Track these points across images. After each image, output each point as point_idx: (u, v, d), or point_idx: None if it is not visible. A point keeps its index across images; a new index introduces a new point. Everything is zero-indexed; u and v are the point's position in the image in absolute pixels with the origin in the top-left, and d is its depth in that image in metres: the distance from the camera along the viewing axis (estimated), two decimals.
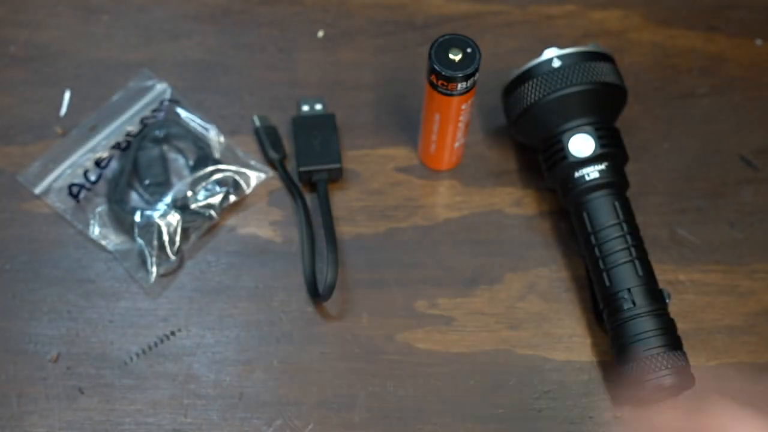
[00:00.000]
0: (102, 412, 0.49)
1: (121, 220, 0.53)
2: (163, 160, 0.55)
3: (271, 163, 0.55)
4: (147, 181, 0.54)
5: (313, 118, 0.56)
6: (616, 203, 0.50)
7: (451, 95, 0.49)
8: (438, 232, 0.54)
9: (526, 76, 0.52)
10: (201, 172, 0.54)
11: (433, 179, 0.56)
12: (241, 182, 0.54)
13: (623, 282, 0.48)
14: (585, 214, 0.50)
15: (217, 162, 0.54)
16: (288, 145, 0.56)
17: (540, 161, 0.53)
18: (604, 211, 0.50)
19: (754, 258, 0.54)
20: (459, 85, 0.48)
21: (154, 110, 0.56)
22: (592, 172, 0.50)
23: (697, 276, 0.53)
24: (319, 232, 0.53)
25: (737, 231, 0.54)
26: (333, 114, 0.56)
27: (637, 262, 0.49)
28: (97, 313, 0.51)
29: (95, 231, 0.53)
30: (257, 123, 0.56)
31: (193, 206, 0.53)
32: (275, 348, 0.51)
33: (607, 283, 0.49)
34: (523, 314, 0.52)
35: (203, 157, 0.55)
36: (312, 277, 0.51)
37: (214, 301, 0.52)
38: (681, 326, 0.49)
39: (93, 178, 0.54)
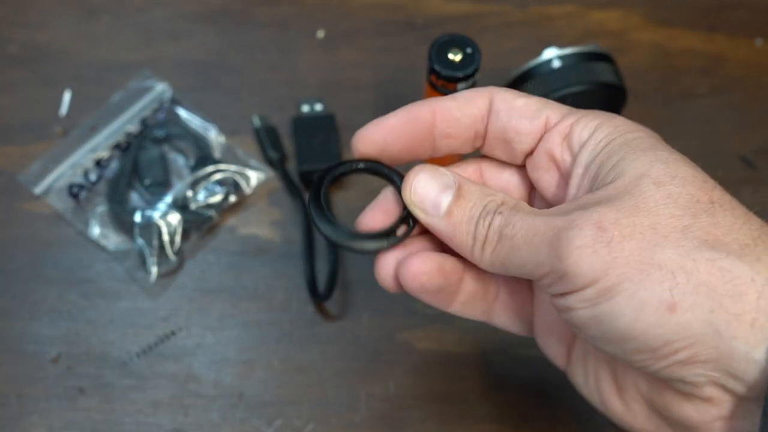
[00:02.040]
0: (102, 412, 0.49)
1: (121, 220, 0.53)
2: (164, 160, 0.55)
3: (271, 163, 0.55)
4: (147, 181, 0.54)
5: (313, 118, 0.56)
6: None
7: None
8: None
9: (526, 76, 0.52)
10: (201, 172, 0.54)
11: None
12: (241, 182, 0.54)
13: None
14: None
15: (217, 162, 0.54)
16: (288, 145, 0.56)
17: None
18: None
19: None
20: (459, 86, 0.48)
21: (155, 110, 0.56)
22: None
23: None
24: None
25: None
26: (333, 114, 0.56)
27: None
28: (97, 313, 0.51)
29: (95, 231, 0.53)
30: (257, 123, 0.56)
31: (193, 206, 0.53)
32: (275, 348, 0.51)
33: None
34: None
35: (203, 157, 0.55)
36: (312, 277, 0.51)
37: (214, 301, 0.52)
38: None
39: (93, 178, 0.54)
